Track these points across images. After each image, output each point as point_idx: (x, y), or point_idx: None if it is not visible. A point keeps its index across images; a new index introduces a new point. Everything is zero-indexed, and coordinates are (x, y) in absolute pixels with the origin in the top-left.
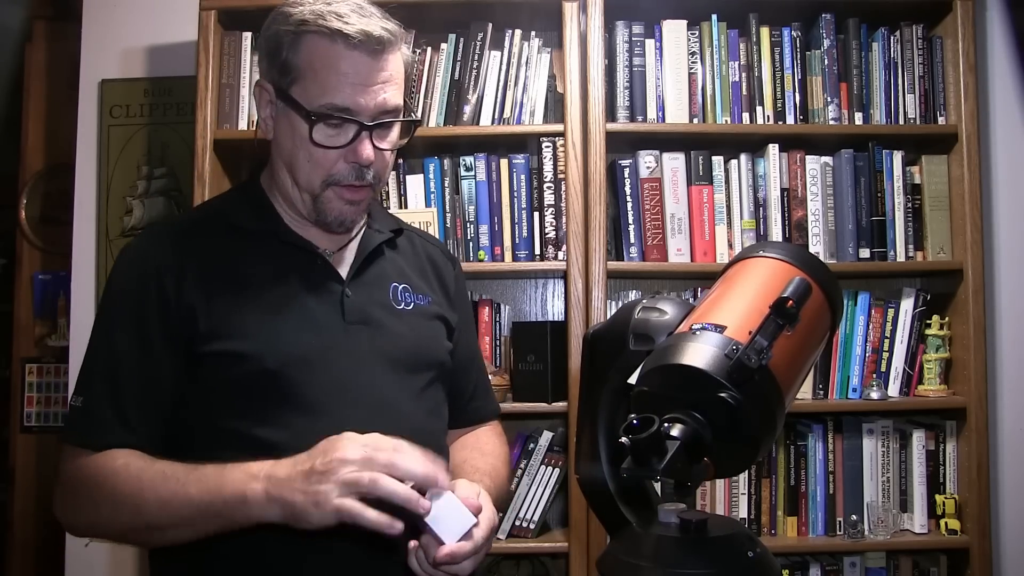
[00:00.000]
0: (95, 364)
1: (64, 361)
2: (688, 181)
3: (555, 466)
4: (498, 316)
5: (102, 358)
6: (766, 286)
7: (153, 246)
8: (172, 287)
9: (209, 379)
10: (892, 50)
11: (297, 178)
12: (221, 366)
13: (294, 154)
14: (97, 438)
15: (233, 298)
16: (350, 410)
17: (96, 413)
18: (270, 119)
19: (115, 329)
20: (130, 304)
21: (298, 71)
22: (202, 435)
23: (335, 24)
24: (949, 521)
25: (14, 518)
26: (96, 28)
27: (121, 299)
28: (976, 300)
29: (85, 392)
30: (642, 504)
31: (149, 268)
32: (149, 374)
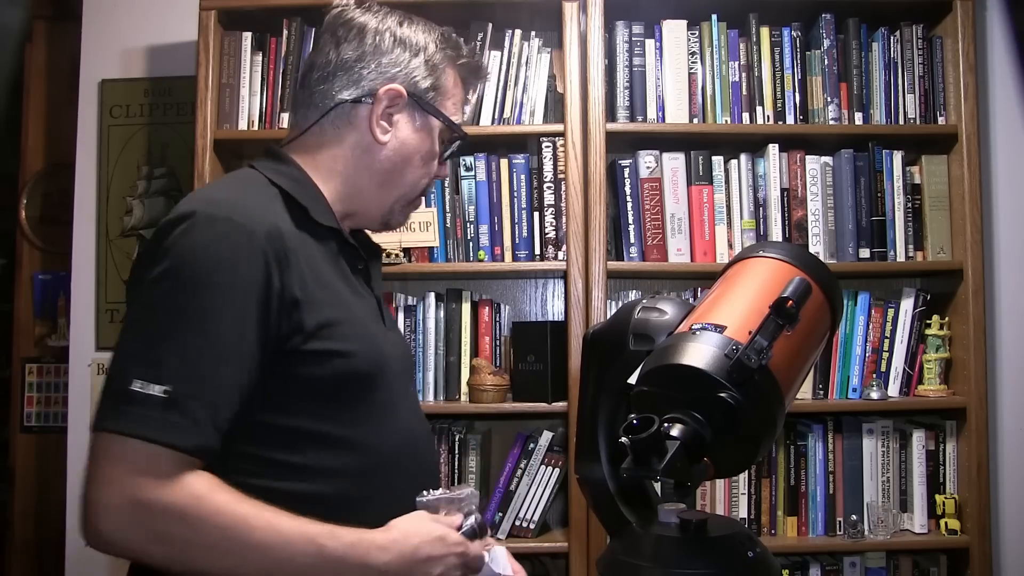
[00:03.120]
0: (185, 349)
1: (64, 361)
2: (688, 181)
3: (555, 466)
4: (498, 316)
5: (201, 345)
6: (766, 286)
7: (253, 223)
8: (278, 276)
9: (302, 377)
10: (892, 50)
11: (402, 182)
12: (321, 365)
13: (408, 164)
14: (188, 440)
15: (325, 296)
16: (404, 413)
17: (193, 409)
18: (387, 122)
19: (219, 314)
20: (236, 287)
21: (443, 91)
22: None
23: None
24: (949, 521)
25: (14, 518)
26: (96, 28)
27: (224, 279)
28: (976, 300)
29: (171, 380)
30: (642, 504)
31: (255, 247)
32: (245, 369)
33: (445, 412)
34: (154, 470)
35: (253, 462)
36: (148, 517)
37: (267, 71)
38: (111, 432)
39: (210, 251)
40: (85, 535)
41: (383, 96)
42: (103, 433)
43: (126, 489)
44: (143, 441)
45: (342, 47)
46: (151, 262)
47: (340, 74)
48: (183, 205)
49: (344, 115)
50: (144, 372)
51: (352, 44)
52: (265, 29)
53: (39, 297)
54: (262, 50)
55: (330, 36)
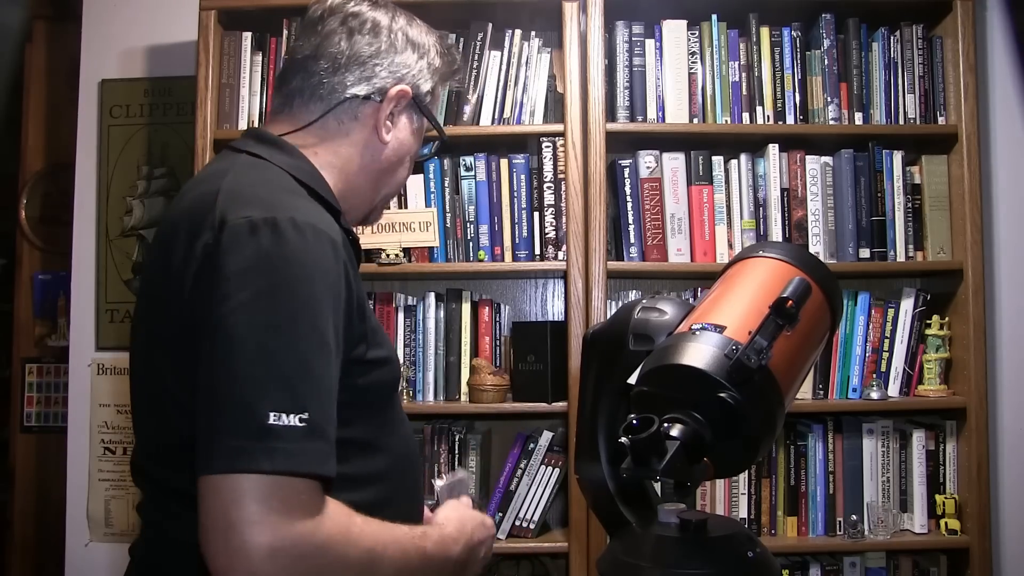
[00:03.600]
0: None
1: (64, 361)
2: (688, 181)
3: (555, 466)
4: (498, 316)
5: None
6: (766, 286)
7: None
8: (353, 281)
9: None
10: (892, 50)
11: (389, 181)
12: (372, 372)
13: (401, 164)
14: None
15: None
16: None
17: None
18: (390, 122)
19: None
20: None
21: (436, 95)
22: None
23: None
24: (949, 521)
25: (14, 518)
26: (96, 28)
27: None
28: (976, 300)
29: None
30: (642, 504)
31: (339, 256)
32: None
33: (445, 412)
34: (307, 506)
35: None
36: (310, 553)
37: (267, 71)
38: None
39: (309, 263)
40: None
41: (394, 96)
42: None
43: (285, 529)
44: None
45: (355, 39)
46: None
47: (354, 68)
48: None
49: (351, 110)
50: (279, 403)
51: (367, 39)
52: (265, 29)
53: (39, 297)
54: (262, 50)
55: (340, 25)
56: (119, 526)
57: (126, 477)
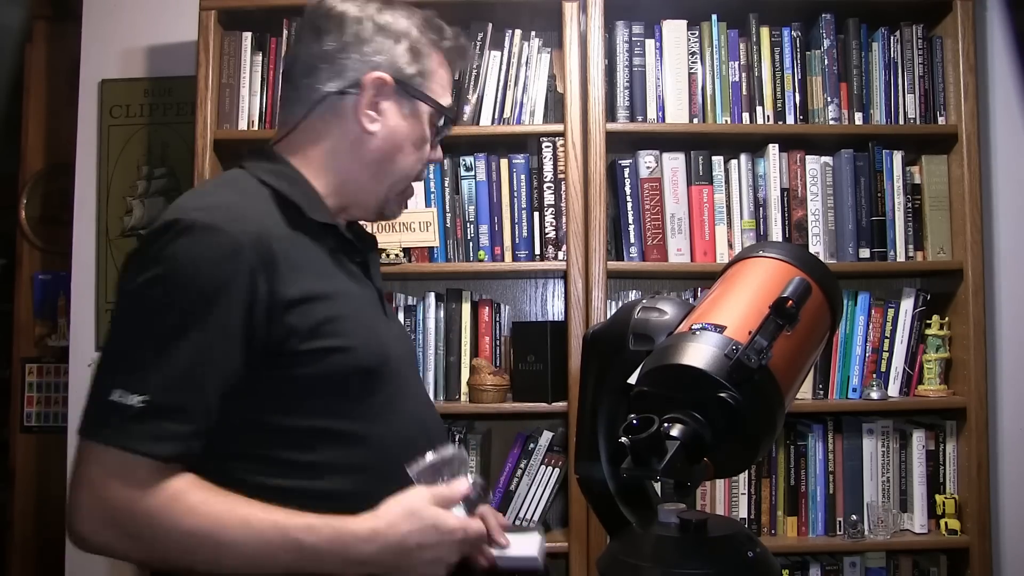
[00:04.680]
0: (165, 359)
1: (64, 361)
2: (688, 181)
3: (555, 466)
4: (498, 316)
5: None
6: (766, 286)
7: (237, 230)
8: (265, 282)
9: (305, 376)
10: (892, 50)
11: (394, 170)
12: (322, 363)
13: (399, 151)
14: (163, 449)
15: (321, 292)
16: (410, 404)
17: (172, 419)
18: (374, 111)
19: (201, 323)
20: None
21: (429, 74)
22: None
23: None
24: (949, 521)
25: (14, 518)
26: (96, 28)
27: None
28: (976, 300)
29: (147, 389)
30: (642, 504)
31: (240, 256)
32: (225, 376)
33: (445, 412)
34: (129, 477)
35: (265, 463)
36: (121, 520)
37: (267, 71)
38: (91, 440)
39: (194, 261)
40: (68, 536)
41: (368, 85)
42: (84, 440)
43: (100, 493)
44: (119, 450)
45: (323, 38)
46: (135, 270)
47: (324, 66)
48: (169, 212)
49: (331, 107)
50: (124, 381)
51: (333, 35)
52: (265, 29)
53: (39, 297)
54: (262, 50)
55: (310, 28)
56: None
57: None
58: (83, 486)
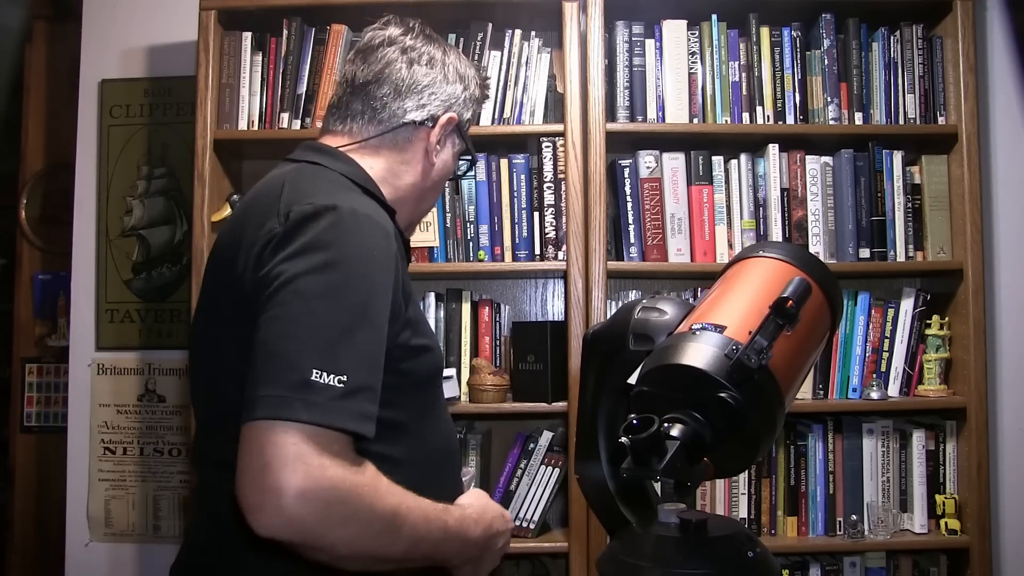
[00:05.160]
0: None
1: (64, 361)
2: (688, 181)
3: (555, 466)
4: (498, 316)
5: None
6: (766, 286)
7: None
8: (400, 273)
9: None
10: (892, 50)
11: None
12: (418, 358)
13: (442, 183)
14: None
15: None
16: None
17: (368, 399)
18: (437, 146)
19: (375, 306)
20: (384, 281)
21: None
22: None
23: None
24: (949, 521)
25: (14, 518)
26: (96, 28)
27: (376, 273)
28: (976, 300)
29: (348, 370)
30: (642, 504)
31: (391, 244)
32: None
33: None
34: (341, 455)
35: None
36: (339, 498)
37: (267, 71)
38: (292, 421)
39: (363, 245)
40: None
41: (445, 123)
42: (280, 422)
43: (317, 471)
44: (326, 429)
45: (415, 69)
46: (301, 252)
47: (412, 95)
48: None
49: (407, 133)
50: (321, 363)
51: (424, 69)
52: (265, 29)
53: (39, 297)
54: (262, 50)
55: (401, 55)
56: (119, 526)
57: (126, 477)
58: (291, 465)
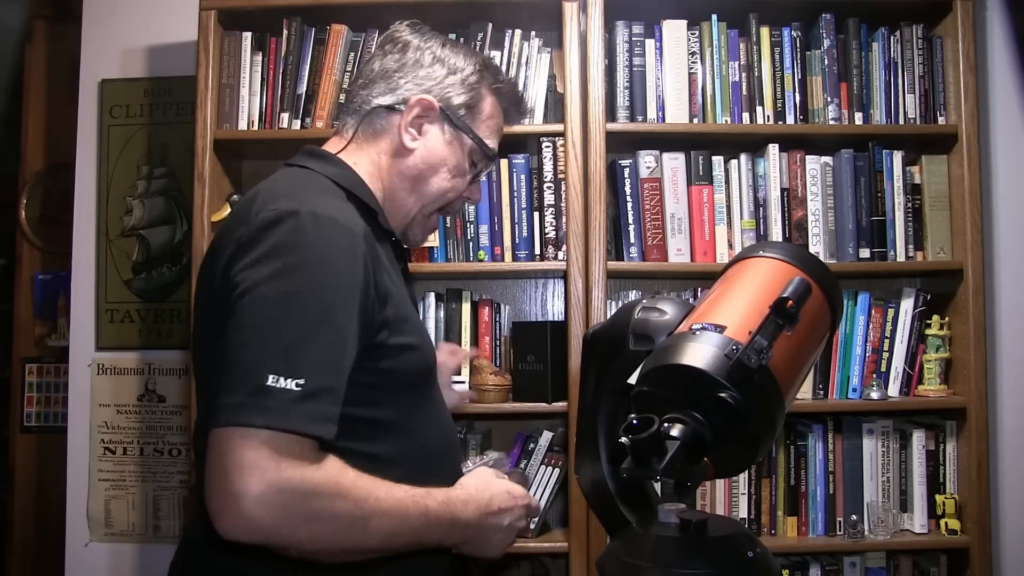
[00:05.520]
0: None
1: (64, 361)
2: (688, 181)
3: (555, 466)
4: (498, 316)
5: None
6: (766, 286)
7: (351, 223)
8: (373, 269)
9: (385, 369)
10: (892, 50)
11: (426, 193)
12: (400, 357)
13: (439, 174)
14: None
15: (397, 293)
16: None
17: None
18: (416, 130)
19: (335, 307)
20: (348, 283)
21: (478, 114)
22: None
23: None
24: (949, 521)
25: (14, 518)
26: (96, 28)
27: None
28: (976, 300)
29: (305, 373)
30: (642, 504)
31: (358, 246)
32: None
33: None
34: (299, 457)
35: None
36: (297, 499)
37: (267, 71)
38: (250, 426)
39: (324, 249)
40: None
41: (414, 104)
42: (238, 428)
43: (272, 474)
44: (283, 432)
45: (386, 58)
46: (262, 258)
47: (380, 82)
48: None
49: (379, 119)
50: (278, 367)
51: (394, 56)
52: (265, 29)
53: (39, 297)
54: (262, 50)
55: (378, 49)
56: (119, 526)
57: (126, 477)
58: (248, 471)
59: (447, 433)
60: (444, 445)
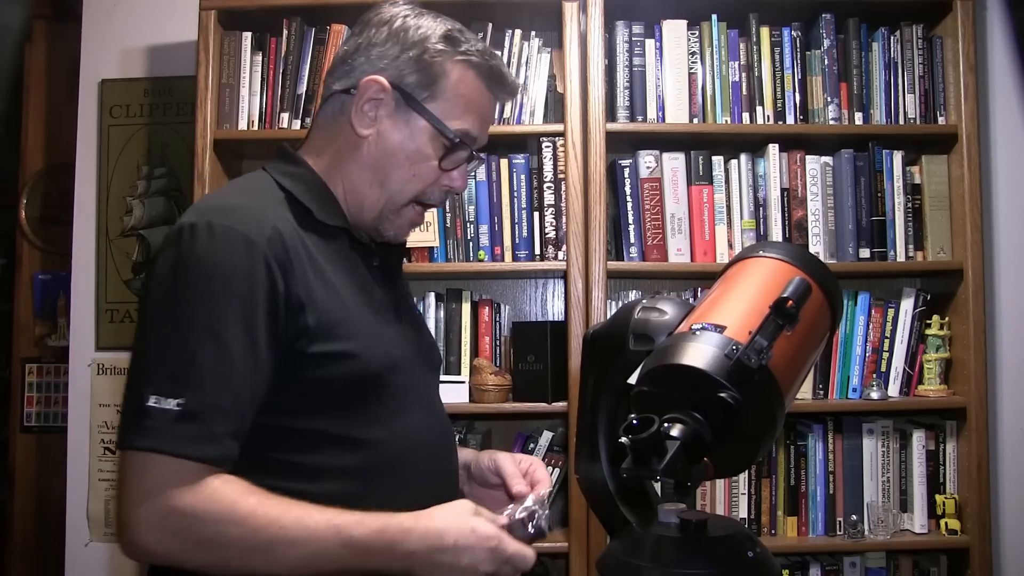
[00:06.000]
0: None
1: (64, 361)
2: (688, 181)
3: (555, 466)
4: (498, 316)
5: (210, 356)
6: (766, 286)
7: (253, 230)
8: (282, 277)
9: (310, 379)
10: (892, 50)
11: (388, 184)
12: (327, 366)
13: (399, 163)
14: (206, 450)
15: (330, 295)
16: (419, 411)
17: (208, 421)
18: (373, 118)
19: (224, 322)
20: (240, 295)
21: (440, 92)
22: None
23: (497, 67)
24: (949, 521)
25: (14, 518)
26: (96, 28)
27: (227, 288)
28: (976, 300)
29: (186, 392)
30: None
31: (257, 254)
32: (260, 378)
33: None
34: (181, 480)
35: (266, 463)
36: (185, 525)
37: (267, 71)
38: (134, 449)
39: (212, 261)
40: (126, 550)
41: (364, 86)
42: (127, 451)
43: (160, 502)
44: (165, 455)
45: (348, 41)
46: (155, 277)
47: (339, 66)
48: (185, 216)
49: (337, 106)
50: (158, 387)
51: (353, 39)
52: (265, 29)
53: (39, 297)
54: (262, 50)
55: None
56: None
57: None
58: (136, 498)
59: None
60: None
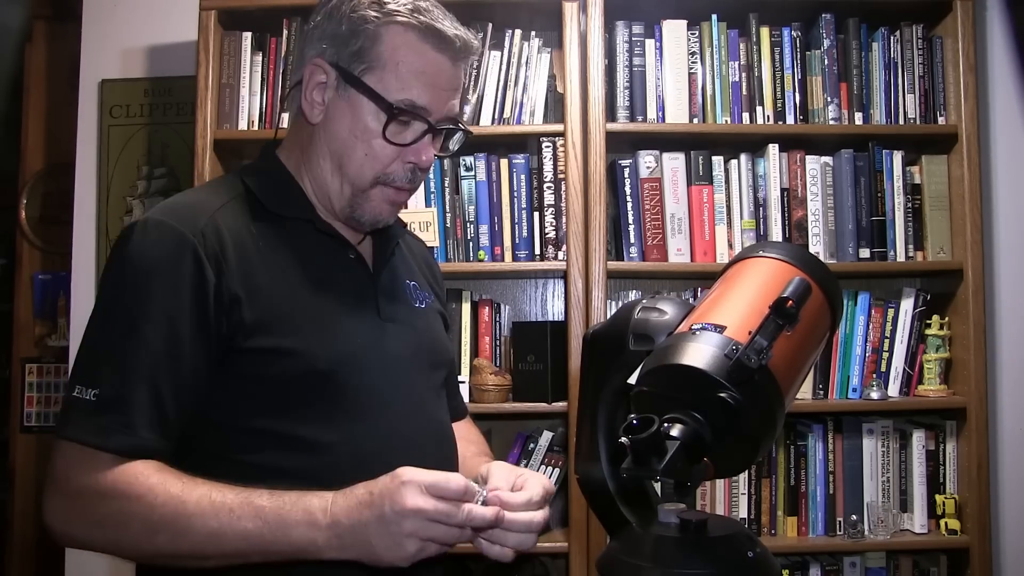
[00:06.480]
0: (116, 353)
1: (64, 361)
2: (688, 181)
3: (555, 466)
4: (498, 316)
5: (129, 348)
6: (766, 286)
7: (186, 225)
8: (213, 273)
9: (250, 376)
10: (892, 50)
11: (346, 169)
12: (266, 363)
13: (350, 144)
14: (118, 441)
15: (275, 289)
16: (389, 410)
17: (121, 411)
18: (321, 103)
19: (146, 315)
20: (164, 289)
21: (377, 61)
22: (234, 435)
23: (430, 23)
24: (949, 521)
25: (14, 518)
26: (96, 28)
27: (152, 282)
28: (976, 300)
29: (99, 383)
30: (642, 504)
31: (185, 249)
32: (186, 371)
33: None
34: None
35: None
36: (84, 505)
37: (267, 71)
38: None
39: (141, 256)
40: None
41: (306, 73)
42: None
43: (63, 486)
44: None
45: None
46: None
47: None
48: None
49: (296, 98)
50: (80, 378)
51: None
52: (265, 29)
53: (39, 297)
54: (262, 50)
55: None
56: None
57: None
58: (50, 482)
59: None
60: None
